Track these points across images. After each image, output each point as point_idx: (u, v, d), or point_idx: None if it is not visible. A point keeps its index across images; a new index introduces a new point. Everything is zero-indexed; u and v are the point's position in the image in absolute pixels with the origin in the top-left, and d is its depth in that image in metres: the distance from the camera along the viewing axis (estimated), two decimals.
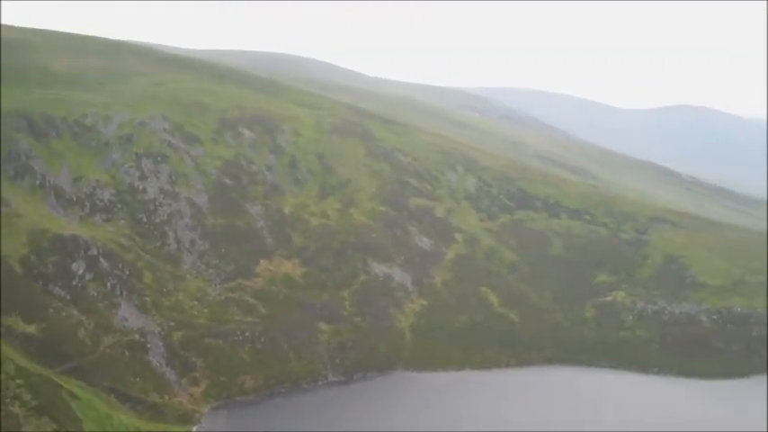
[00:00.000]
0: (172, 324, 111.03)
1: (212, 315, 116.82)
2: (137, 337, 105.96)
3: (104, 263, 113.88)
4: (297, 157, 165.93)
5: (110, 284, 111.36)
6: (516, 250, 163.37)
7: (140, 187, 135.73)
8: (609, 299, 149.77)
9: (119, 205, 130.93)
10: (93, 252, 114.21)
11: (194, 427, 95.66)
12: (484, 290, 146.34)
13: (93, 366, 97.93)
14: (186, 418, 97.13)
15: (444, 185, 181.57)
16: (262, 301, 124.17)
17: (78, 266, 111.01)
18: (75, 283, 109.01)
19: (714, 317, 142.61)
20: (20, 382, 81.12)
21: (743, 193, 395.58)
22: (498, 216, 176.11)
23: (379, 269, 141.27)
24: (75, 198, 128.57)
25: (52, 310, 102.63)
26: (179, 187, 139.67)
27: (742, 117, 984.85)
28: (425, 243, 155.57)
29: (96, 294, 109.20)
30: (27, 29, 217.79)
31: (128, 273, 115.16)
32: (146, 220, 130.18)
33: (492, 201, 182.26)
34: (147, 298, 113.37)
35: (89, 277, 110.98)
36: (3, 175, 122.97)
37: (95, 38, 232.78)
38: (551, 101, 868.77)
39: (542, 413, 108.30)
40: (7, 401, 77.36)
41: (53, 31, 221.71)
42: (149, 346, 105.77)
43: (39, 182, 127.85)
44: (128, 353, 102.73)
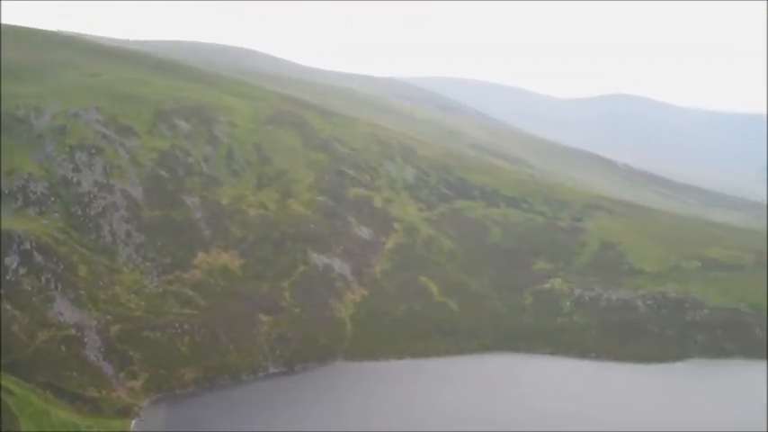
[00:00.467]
0: (108, 318, 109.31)
1: (150, 308, 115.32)
2: (73, 331, 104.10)
3: (38, 257, 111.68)
4: (234, 148, 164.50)
5: (44, 279, 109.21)
6: (455, 239, 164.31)
7: (74, 180, 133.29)
8: (547, 286, 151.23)
9: (52, 198, 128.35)
10: (27, 246, 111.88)
11: (133, 421, 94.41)
12: (423, 279, 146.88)
13: (29, 362, 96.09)
14: (125, 411, 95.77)
15: (383, 175, 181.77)
16: (200, 294, 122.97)
17: (12, 261, 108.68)
18: (8, 277, 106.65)
19: (650, 302, 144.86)
20: None
21: (677, 181, 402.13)
22: (437, 205, 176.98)
23: (319, 260, 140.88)
24: (7, 191, 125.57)
25: None
26: (114, 179, 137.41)
27: (675, 106, 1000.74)
28: (365, 233, 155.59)
29: (30, 289, 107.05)
30: None
31: (62, 266, 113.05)
32: (80, 212, 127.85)
33: (430, 190, 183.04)
34: (82, 292, 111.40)
35: (23, 272, 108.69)
36: None
37: (26, 29, 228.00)
38: (486, 90, 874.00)
39: (483, 400, 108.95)
40: None
41: None
42: (86, 340, 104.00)
43: None
44: (64, 347, 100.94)
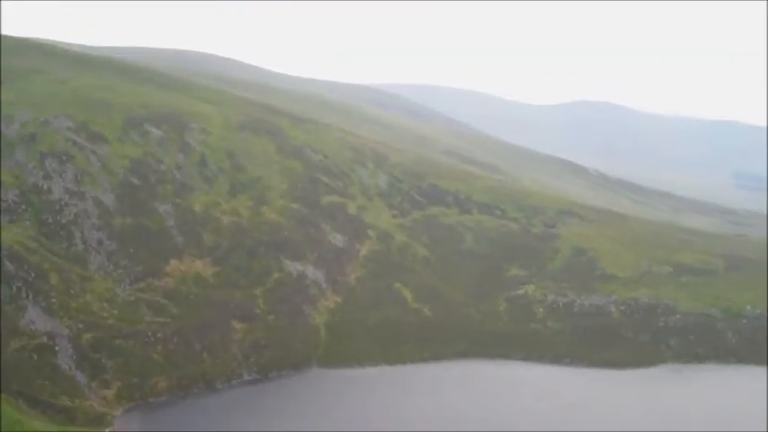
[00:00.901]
0: (81, 326, 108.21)
1: (122, 316, 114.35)
2: (45, 339, 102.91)
3: (9, 265, 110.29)
4: (206, 155, 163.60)
5: (15, 287, 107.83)
6: (429, 246, 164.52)
7: (45, 187, 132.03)
8: (520, 292, 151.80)
9: (23, 206, 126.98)
10: None
11: (106, 430, 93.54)
12: (398, 286, 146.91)
13: (1, 371, 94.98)
14: (98, 420, 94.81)
15: (356, 182, 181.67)
16: (173, 302, 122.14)
17: None
18: None
19: (622, 308, 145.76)
20: None
21: (647, 187, 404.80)
22: (410, 212, 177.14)
23: (293, 267, 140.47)
24: None
25: None
26: (85, 187, 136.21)
27: (645, 112, 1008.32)
28: (338, 240, 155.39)
29: (1, 297, 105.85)
30: None
31: (34, 275, 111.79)
32: (51, 220, 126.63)
33: (403, 197, 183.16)
34: (54, 300, 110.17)
35: None
36: None
37: None
38: (458, 97, 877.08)
39: (457, 406, 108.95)
40: None
41: None
42: (58, 348, 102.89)
43: None
44: (36, 356, 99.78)
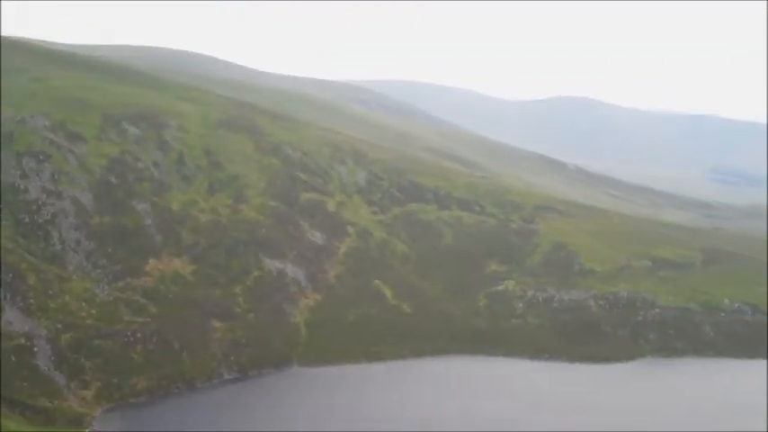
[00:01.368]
0: (59, 326, 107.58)
1: (101, 316, 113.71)
2: (23, 340, 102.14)
3: None
4: (184, 153, 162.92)
5: None
6: (408, 242, 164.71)
7: (22, 187, 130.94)
8: (500, 288, 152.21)
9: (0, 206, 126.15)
10: None
11: (86, 431, 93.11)
12: (377, 283, 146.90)
13: None
14: (77, 421, 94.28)
15: (335, 179, 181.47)
16: (152, 301, 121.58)
17: None
18: None
19: (602, 302, 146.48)
20: None
21: (626, 181, 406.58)
22: (390, 209, 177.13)
23: (272, 265, 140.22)
24: None
25: None
26: (62, 186, 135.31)
27: (623, 107, 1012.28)
28: (318, 237, 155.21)
29: None
30: None
31: (11, 275, 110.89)
32: (28, 220, 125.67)
33: (383, 194, 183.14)
34: (32, 300, 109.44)
35: None
36: None
37: None
38: (438, 93, 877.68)
39: (438, 403, 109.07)
40: None
41: None
42: (36, 349, 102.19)
43: None
44: (14, 357, 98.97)
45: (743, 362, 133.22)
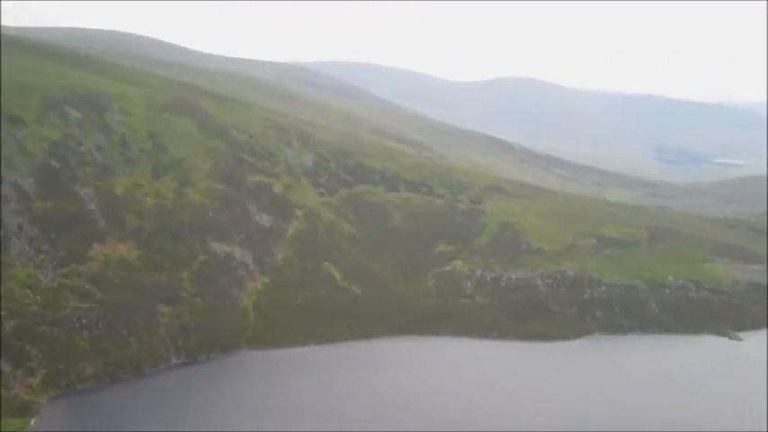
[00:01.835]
0: (3, 313, 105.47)
1: (45, 302, 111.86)
2: None
3: None
4: (128, 137, 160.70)
5: None
6: (356, 224, 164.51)
7: None
8: (448, 268, 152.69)
9: None
10: None
11: (33, 419, 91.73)
12: (326, 265, 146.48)
13: None
14: (24, 410, 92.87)
15: (282, 162, 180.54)
16: (97, 286, 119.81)
17: None
18: None
19: (549, 281, 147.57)
20: None
21: (572, 161, 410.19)
22: (337, 190, 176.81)
23: (219, 248, 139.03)
24: None
25: None
26: (3, 171, 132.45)
27: (568, 87, 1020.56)
28: (265, 220, 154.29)
29: None
30: None
31: None
32: None
33: (330, 175, 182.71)
34: None
35: None
36: None
37: None
38: (384, 74, 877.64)
39: (386, 383, 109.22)
40: None
41: None
42: None
43: None
44: None
45: (687, 337, 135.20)
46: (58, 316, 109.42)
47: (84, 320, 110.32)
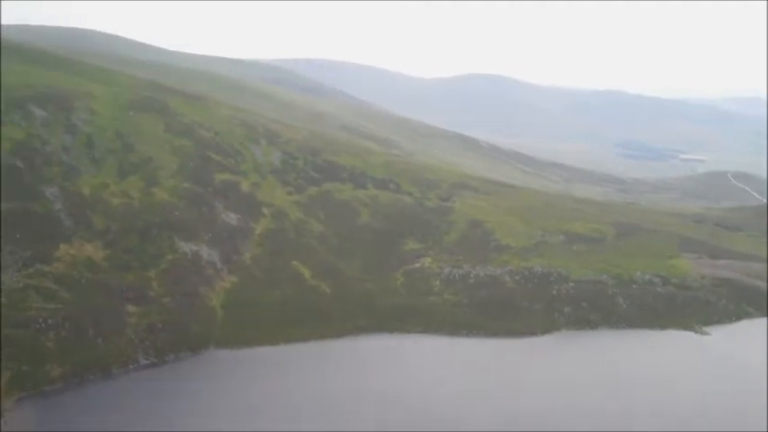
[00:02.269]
0: None
1: (11, 303, 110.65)
2: None
3: None
4: (94, 136, 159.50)
5: None
6: (325, 222, 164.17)
7: None
8: (417, 266, 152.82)
9: None
10: None
11: None
12: (295, 263, 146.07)
13: None
14: None
15: (249, 160, 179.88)
16: (64, 287, 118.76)
17: None
18: None
19: (517, 277, 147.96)
20: None
21: (539, 158, 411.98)
22: (305, 188, 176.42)
23: (187, 247, 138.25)
24: None
25: None
26: None
27: (535, 84, 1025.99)
28: (233, 219, 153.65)
29: None
30: None
31: None
32: None
33: (298, 173, 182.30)
34: None
35: None
36: None
37: None
38: (349, 71, 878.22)
39: (354, 382, 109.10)
40: None
41: None
42: None
43: None
44: None
45: (654, 332, 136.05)
46: (23, 317, 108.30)
47: (51, 321, 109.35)
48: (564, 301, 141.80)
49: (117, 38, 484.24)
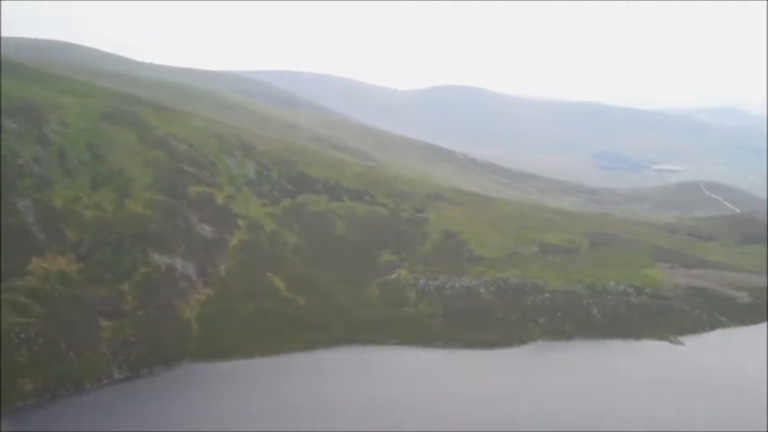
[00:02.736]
0: None
1: None
2: None
3: None
4: (66, 148, 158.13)
5: None
6: (300, 234, 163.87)
7: None
8: (392, 277, 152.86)
9: None
10: None
11: None
12: (270, 275, 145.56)
13: None
14: None
15: (223, 172, 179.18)
16: (36, 301, 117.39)
17: None
18: None
19: (492, 288, 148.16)
20: None
21: (513, 169, 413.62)
22: (280, 200, 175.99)
23: (161, 260, 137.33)
24: None
25: None
26: None
27: (510, 95, 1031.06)
28: (207, 231, 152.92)
29: None
30: None
31: None
32: None
33: (273, 185, 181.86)
34: None
35: None
36: None
37: None
38: (325, 83, 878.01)
39: (335, 393, 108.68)
40: None
41: None
42: None
43: None
44: None
45: (629, 342, 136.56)
46: None
47: (23, 336, 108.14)
48: (539, 312, 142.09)
49: (87, 49, 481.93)
